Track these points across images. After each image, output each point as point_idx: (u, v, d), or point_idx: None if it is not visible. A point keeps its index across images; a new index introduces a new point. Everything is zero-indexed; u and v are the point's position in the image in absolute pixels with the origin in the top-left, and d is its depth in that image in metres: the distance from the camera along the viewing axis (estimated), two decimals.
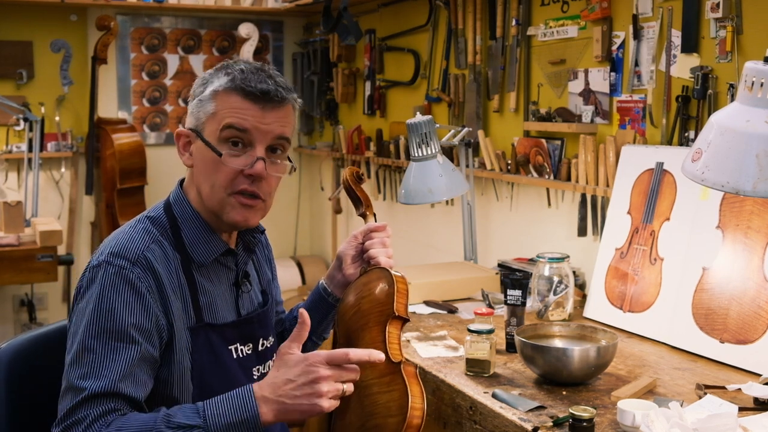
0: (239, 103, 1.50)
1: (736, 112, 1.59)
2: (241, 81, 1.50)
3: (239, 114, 1.50)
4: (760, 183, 1.52)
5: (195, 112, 1.55)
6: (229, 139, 1.51)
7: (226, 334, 1.57)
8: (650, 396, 1.78)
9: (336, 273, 1.79)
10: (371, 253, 1.71)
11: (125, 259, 1.46)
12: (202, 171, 1.54)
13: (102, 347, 1.41)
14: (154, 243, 1.51)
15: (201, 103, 1.53)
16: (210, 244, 1.56)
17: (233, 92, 1.51)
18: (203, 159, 1.53)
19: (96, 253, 1.52)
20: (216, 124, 1.51)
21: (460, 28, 3.37)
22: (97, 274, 1.46)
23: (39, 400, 1.66)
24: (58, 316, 4.42)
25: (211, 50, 4.77)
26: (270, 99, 1.51)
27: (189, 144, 1.56)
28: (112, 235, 1.54)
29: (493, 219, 3.28)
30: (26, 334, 1.72)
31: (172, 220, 1.56)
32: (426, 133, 2.65)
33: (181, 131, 1.57)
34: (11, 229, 3.80)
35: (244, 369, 1.58)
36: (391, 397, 1.48)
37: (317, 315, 1.81)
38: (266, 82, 1.51)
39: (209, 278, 1.57)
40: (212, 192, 1.52)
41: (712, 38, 2.32)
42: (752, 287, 2.01)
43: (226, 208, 1.52)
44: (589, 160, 2.67)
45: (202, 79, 1.56)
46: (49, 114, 4.40)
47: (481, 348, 1.95)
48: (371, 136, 4.08)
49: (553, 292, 2.38)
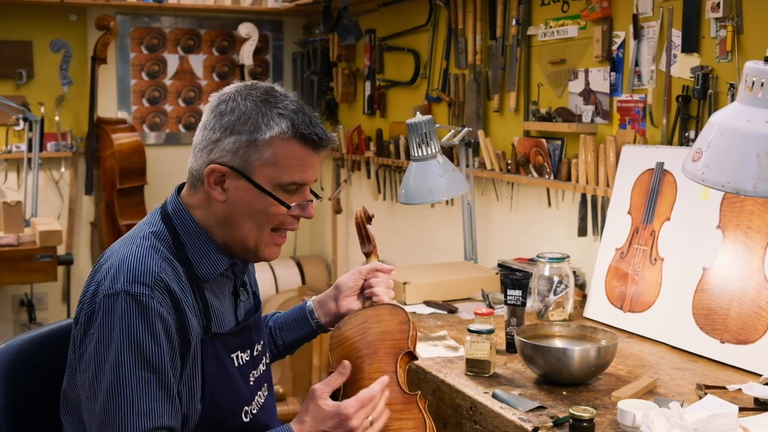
0: (301, 153, 1.49)
1: (737, 112, 1.59)
2: (304, 127, 1.48)
3: (302, 166, 1.49)
4: (761, 183, 1.52)
5: (242, 153, 1.47)
6: (285, 188, 1.50)
7: (229, 343, 1.56)
8: (650, 396, 1.78)
9: (329, 301, 1.80)
10: (375, 291, 1.76)
11: (144, 285, 1.41)
12: (244, 211, 1.50)
13: (137, 384, 1.38)
14: (164, 261, 1.47)
15: (253, 146, 1.47)
16: (215, 261, 1.54)
17: (294, 140, 1.48)
18: (249, 201, 1.49)
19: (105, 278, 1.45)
20: (276, 172, 1.48)
21: (460, 27, 3.37)
22: (115, 305, 1.41)
23: (39, 401, 1.66)
24: (58, 317, 4.42)
25: (211, 50, 4.77)
26: (324, 146, 1.51)
27: (223, 180, 1.50)
28: (117, 255, 1.48)
29: (493, 219, 3.28)
30: (26, 334, 1.71)
31: (174, 234, 1.52)
32: (426, 133, 2.65)
33: (216, 168, 1.48)
34: (11, 229, 3.80)
35: (243, 376, 1.58)
36: (405, 425, 1.57)
37: (296, 332, 1.84)
38: (318, 126, 1.50)
39: (212, 290, 1.56)
40: (256, 231, 1.52)
41: (713, 38, 2.32)
42: (752, 287, 2.00)
43: (261, 245, 1.54)
44: (590, 160, 2.67)
45: (244, 115, 1.48)
46: (49, 114, 4.40)
47: (481, 348, 1.95)
48: (371, 136, 4.07)
49: (553, 292, 2.38)
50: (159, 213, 1.57)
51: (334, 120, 4.61)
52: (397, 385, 1.62)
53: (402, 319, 1.69)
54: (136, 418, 1.37)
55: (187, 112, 4.76)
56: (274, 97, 1.51)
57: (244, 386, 1.58)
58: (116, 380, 1.38)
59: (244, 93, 1.50)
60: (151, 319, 1.40)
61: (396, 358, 1.64)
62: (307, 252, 5.03)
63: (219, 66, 4.77)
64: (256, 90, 1.51)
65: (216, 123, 1.50)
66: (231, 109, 1.49)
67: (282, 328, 1.85)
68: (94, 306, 1.43)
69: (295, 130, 1.47)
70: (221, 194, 1.50)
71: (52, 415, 1.63)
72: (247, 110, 1.48)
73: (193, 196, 1.55)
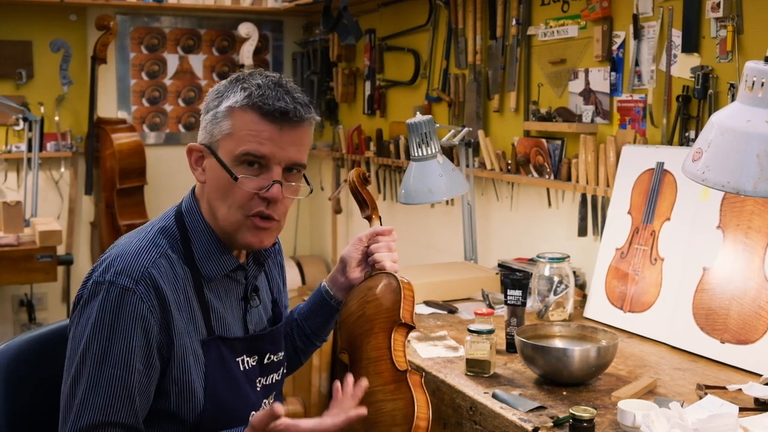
0: (256, 124, 1.44)
1: (737, 111, 1.59)
2: (259, 98, 1.44)
3: (256, 138, 1.44)
4: (761, 183, 1.52)
5: (209, 128, 1.48)
6: (245, 162, 1.45)
7: (236, 347, 1.54)
8: (651, 396, 1.78)
9: (339, 276, 1.74)
10: (376, 257, 1.68)
11: (129, 278, 1.41)
12: (216, 190, 1.48)
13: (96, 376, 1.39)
14: (161, 257, 1.46)
15: (215, 119, 1.47)
16: (220, 260, 1.52)
17: (250, 110, 1.44)
18: (217, 178, 1.47)
19: (101, 264, 1.46)
20: (232, 144, 1.45)
21: (460, 27, 3.37)
22: (98, 292, 1.42)
23: (39, 401, 1.65)
24: (58, 316, 4.42)
25: (211, 50, 4.77)
26: (288, 119, 1.44)
27: (202, 159, 1.51)
28: (119, 246, 1.48)
29: (493, 219, 3.28)
30: (25, 334, 1.71)
31: (183, 231, 1.51)
32: (426, 132, 2.64)
33: (193, 146, 1.51)
34: (11, 229, 3.79)
35: (249, 381, 1.56)
36: (396, 406, 1.50)
37: (319, 318, 1.78)
38: (284, 100, 1.44)
39: (218, 292, 1.54)
40: (228, 213, 1.48)
41: (713, 38, 2.32)
42: (753, 287, 2.00)
43: (241, 229, 1.48)
44: (590, 160, 2.66)
45: (216, 92, 1.49)
46: (49, 114, 4.40)
47: (481, 348, 1.94)
48: (371, 136, 4.07)
49: (553, 292, 2.38)
50: (174, 210, 1.56)
51: (334, 120, 4.61)
52: (391, 363, 1.53)
53: (394, 288, 1.60)
54: (87, 411, 1.38)
55: (187, 112, 4.76)
56: (252, 75, 1.50)
57: (250, 391, 1.55)
58: (79, 370, 1.40)
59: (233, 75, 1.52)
60: (125, 314, 1.40)
61: (389, 333, 1.56)
62: (307, 252, 5.03)
63: (219, 66, 4.77)
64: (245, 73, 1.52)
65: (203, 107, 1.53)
66: (211, 90, 1.52)
67: (306, 318, 1.80)
68: (83, 291, 1.46)
69: (249, 100, 1.44)
70: (202, 174, 1.51)
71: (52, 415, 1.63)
72: (220, 87, 1.50)
73: (198, 190, 1.56)
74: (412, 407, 1.48)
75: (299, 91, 1.50)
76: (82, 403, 1.39)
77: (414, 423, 1.47)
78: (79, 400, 1.39)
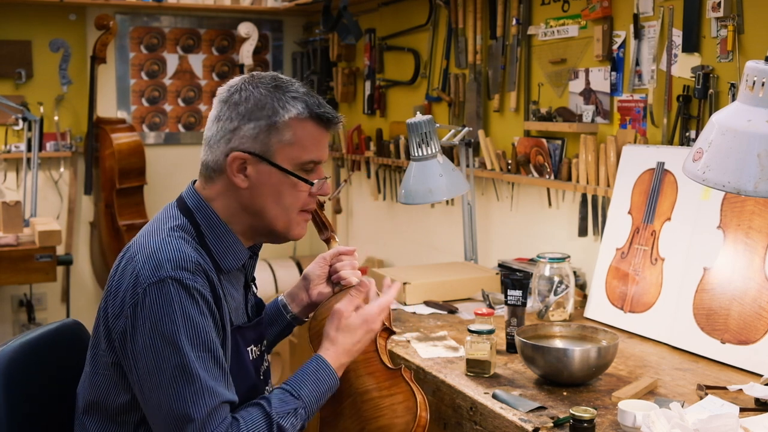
0: (317, 133, 1.56)
1: (737, 111, 1.59)
2: (315, 107, 1.55)
3: (317, 145, 1.56)
4: (762, 183, 1.52)
5: (261, 138, 1.52)
6: (305, 167, 1.56)
7: (247, 336, 1.61)
8: (651, 397, 1.77)
9: (300, 293, 1.83)
10: (342, 275, 1.79)
11: (187, 271, 1.44)
12: (270, 194, 1.55)
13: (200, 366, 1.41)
14: (195, 251, 1.50)
15: (273, 128, 1.52)
16: (237, 252, 1.58)
17: (310, 120, 1.55)
18: (273, 183, 1.54)
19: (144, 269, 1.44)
20: (295, 152, 1.54)
21: (461, 27, 3.36)
22: (162, 291, 1.41)
23: (38, 401, 1.65)
24: (57, 316, 4.42)
25: (211, 50, 4.76)
26: (335, 125, 1.59)
27: (245, 167, 1.53)
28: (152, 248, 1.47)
29: (493, 219, 3.27)
30: (25, 335, 1.71)
31: (196, 227, 1.55)
32: (426, 132, 2.64)
33: (238, 155, 1.52)
34: (10, 229, 3.79)
35: (256, 370, 1.63)
36: (395, 400, 1.60)
37: (274, 328, 1.85)
38: (325, 106, 1.57)
39: (231, 283, 1.60)
40: (283, 213, 1.57)
41: (713, 38, 2.31)
42: (753, 287, 2.00)
43: (292, 225, 1.59)
44: (590, 159, 2.66)
45: (260, 102, 1.53)
46: (48, 114, 4.39)
47: (481, 348, 1.94)
48: (371, 136, 4.07)
49: (553, 293, 2.37)
50: (177, 208, 1.58)
51: None
52: (381, 364, 1.65)
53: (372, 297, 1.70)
54: (205, 400, 1.41)
55: (187, 111, 4.75)
56: (283, 82, 1.57)
57: (258, 380, 1.62)
58: (180, 364, 1.41)
59: (254, 82, 1.56)
60: (199, 301, 1.44)
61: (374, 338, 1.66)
62: (307, 252, 5.03)
63: (219, 66, 4.77)
64: (263, 78, 1.57)
65: (231, 113, 1.54)
66: (245, 98, 1.54)
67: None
68: (137, 297, 1.43)
69: (310, 111, 1.54)
70: (244, 181, 1.54)
71: (52, 415, 1.62)
72: (262, 97, 1.54)
73: (211, 188, 1.57)
74: (413, 399, 1.59)
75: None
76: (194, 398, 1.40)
77: (418, 413, 1.57)
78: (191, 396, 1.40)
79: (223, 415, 1.43)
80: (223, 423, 1.42)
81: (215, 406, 1.42)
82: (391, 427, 1.59)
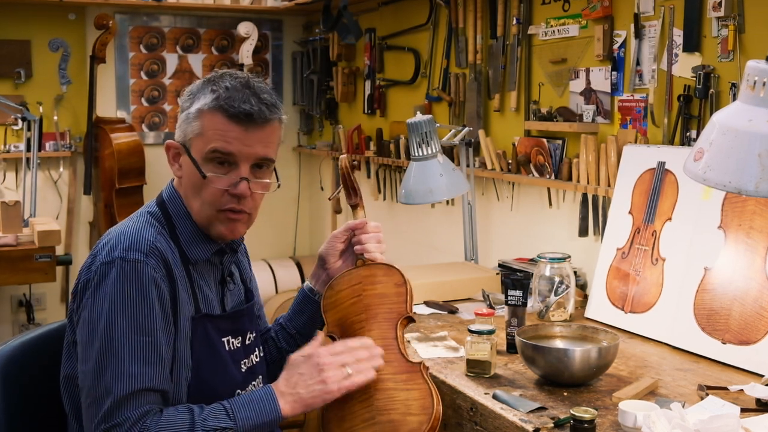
0: (223, 125, 1.53)
1: (738, 111, 1.59)
2: (225, 101, 1.53)
3: (224, 137, 1.53)
4: (763, 183, 1.51)
5: (183, 127, 1.58)
6: (214, 159, 1.54)
7: (221, 326, 1.61)
8: (652, 397, 1.77)
9: (321, 272, 1.83)
10: (367, 248, 1.75)
11: (139, 252, 1.48)
12: (190, 186, 1.58)
13: (128, 345, 1.43)
14: (159, 234, 1.54)
15: (187, 119, 1.57)
16: (204, 243, 1.60)
17: (217, 112, 1.53)
18: (190, 175, 1.57)
19: (103, 249, 1.51)
20: (202, 144, 1.54)
21: (461, 26, 3.36)
22: (109, 271, 1.46)
23: (38, 401, 1.65)
24: (57, 317, 4.41)
25: (210, 49, 4.76)
26: (253, 120, 1.53)
27: (178, 155, 1.60)
28: (116, 230, 1.55)
29: (493, 219, 3.27)
30: (24, 335, 1.71)
31: (167, 216, 1.60)
32: (426, 132, 2.64)
33: (170, 143, 1.61)
34: (9, 229, 3.78)
35: (234, 362, 1.62)
36: (411, 396, 1.53)
37: (304, 316, 1.85)
38: (250, 102, 1.53)
39: (200, 273, 1.61)
40: (201, 208, 1.58)
41: (714, 37, 2.31)
42: (754, 287, 2.00)
43: (214, 223, 1.58)
44: (591, 159, 2.66)
45: (189, 93, 1.59)
46: (48, 113, 4.39)
47: (481, 349, 1.94)
48: (371, 136, 4.07)
49: (554, 293, 2.37)
50: (156, 199, 1.65)
51: (333, 119, 4.60)
52: (400, 353, 1.59)
53: (398, 281, 1.67)
54: (125, 380, 1.41)
55: None
56: (222, 77, 1.58)
57: (236, 371, 1.61)
58: (107, 342, 1.43)
59: (206, 76, 1.61)
60: (144, 283, 1.46)
61: (396, 324, 1.61)
62: (307, 252, 5.02)
63: (218, 65, 4.76)
64: (217, 74, 1.60)
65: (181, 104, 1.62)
66: (187, 90, 1.61)
67: (291, 319, 1.88)
68: (90, 275, 1.49)
69: (216, 103, 1.53)
70: (179, 170, 1.61)
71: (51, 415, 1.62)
72: (192, 88, 1.60)
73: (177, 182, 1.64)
74: (430, 398, 1.52)
75: (267, 91, 1.58)
76: (116, 375, 1.41)
77: (433, 415, 1.51)
78: (113, 373, 1.42)
79: (143, 401, 1.42)
80: (140, 408, 1.41)
81: (136, 390, 1.42)
82: (404, 423, 1.51)
